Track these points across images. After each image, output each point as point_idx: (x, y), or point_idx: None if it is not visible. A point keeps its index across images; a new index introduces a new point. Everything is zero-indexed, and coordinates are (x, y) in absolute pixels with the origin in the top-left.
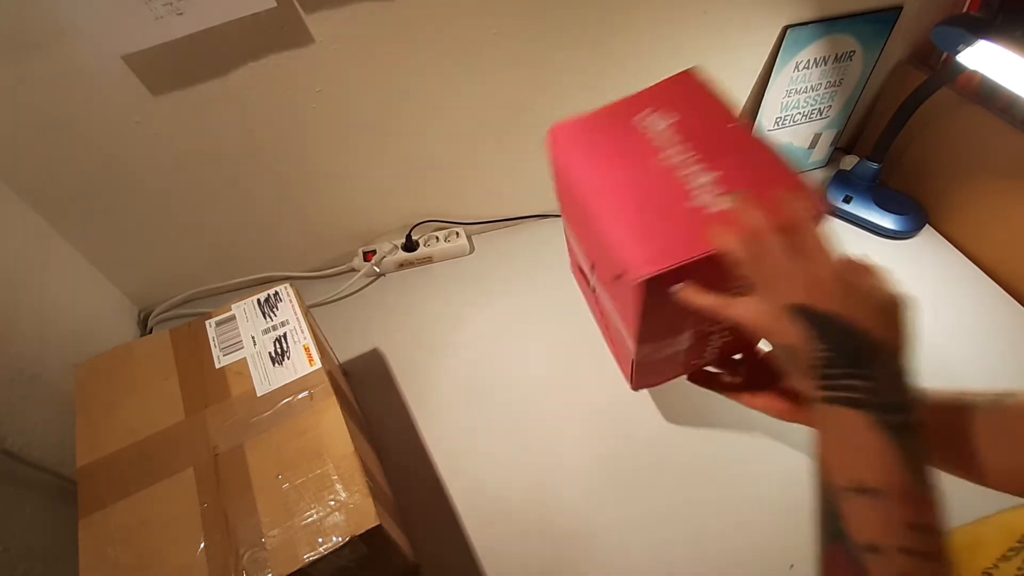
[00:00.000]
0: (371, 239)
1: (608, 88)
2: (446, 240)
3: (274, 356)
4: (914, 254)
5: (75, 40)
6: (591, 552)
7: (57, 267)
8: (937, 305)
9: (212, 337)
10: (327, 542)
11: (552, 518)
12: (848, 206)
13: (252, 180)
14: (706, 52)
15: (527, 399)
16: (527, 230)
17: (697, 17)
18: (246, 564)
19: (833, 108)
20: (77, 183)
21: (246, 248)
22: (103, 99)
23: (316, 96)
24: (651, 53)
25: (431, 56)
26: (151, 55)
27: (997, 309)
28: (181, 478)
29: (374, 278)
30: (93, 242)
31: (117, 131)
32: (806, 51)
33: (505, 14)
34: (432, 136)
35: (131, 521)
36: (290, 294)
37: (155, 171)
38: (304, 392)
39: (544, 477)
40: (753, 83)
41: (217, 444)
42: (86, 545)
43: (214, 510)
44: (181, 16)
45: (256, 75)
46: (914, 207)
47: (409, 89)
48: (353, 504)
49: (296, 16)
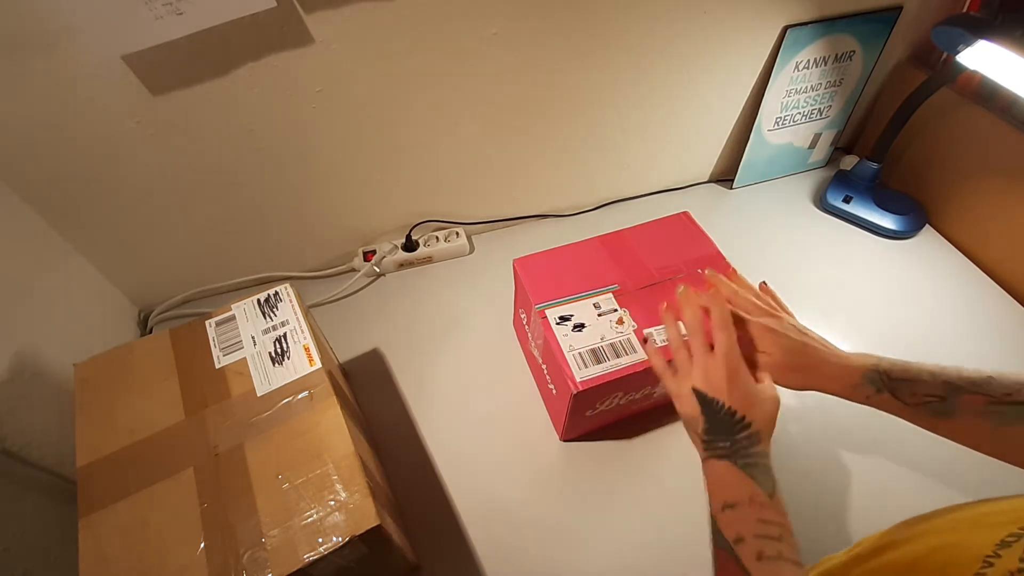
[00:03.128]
0: (371, 239)
1: (608, 88)
2: (446, 240)
3: (274, 356)
4: (914, 254)
5: (75, 40)
6: (592, 552)
7: (57, 267)
8: (937, 305)
9: (212, 337)
10: (327, 542)
11: (552, 518)
12: (848, 206)
13: (252, 180)
14: (706, 52)
15: (528, 399)
16: (527, 230)
17: (698, 17)
18: (246, 564)
19: (833, 108)
20: (77, 183)
21: (246, 248)
22: (103, 99)
23: (316, 96)
24: (651, 53)
25: (431, 56)
26: (151, 55)
27: (997, 309)
28: (181, 478)
29: (374, 278)
30: (93, 242)
31: (117, 131)
32: (806, 51)
33: (505, 15)
34: (432, 136)
35: (131, 521)
36: (290, 294)
37: (155, 171)
38: (304, 392)
39: (545, 477)
40: (753, 83)
41: (217, 444)
42: (86, 545)
43: (214, 510)
44: (181, 16)
45: (256, 75)
46: (914, 207)
47: (409, 89)
48: (353, 504)
49: (296, 16)
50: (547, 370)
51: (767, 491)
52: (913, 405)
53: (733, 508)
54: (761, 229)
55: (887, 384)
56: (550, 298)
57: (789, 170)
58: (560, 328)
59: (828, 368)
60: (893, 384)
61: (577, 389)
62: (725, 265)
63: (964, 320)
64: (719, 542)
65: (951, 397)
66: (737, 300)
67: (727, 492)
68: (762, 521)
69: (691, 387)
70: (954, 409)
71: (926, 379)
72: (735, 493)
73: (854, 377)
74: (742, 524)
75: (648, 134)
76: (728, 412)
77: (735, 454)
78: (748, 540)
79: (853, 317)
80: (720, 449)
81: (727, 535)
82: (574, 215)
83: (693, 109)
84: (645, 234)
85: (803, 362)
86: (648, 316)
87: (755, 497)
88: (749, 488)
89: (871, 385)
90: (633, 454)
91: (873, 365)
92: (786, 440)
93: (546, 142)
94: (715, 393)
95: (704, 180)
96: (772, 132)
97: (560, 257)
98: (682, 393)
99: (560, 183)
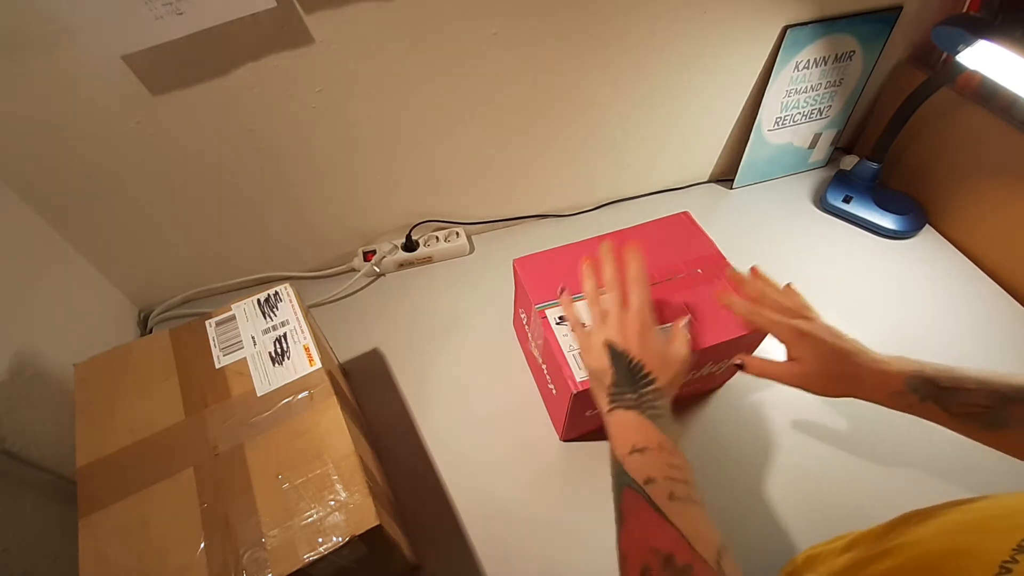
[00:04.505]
0: (371, 239)
1: (608, 88)
2: (446, 240)
3: (274, 356)
4: (914, 254)
5: (75, 40)
6: (592, 552)
7: (57, 267)
8: (937, 305)
9: (212, 337)
10: (327, 542)
11: (552, 518)
12: (848, 206)
13: (252, 180)
14: (706, 52)
15: (528, 399)
16: (527, 230)
17: (698, 17)
18: (246, 564)
19: (833, 108)
20: (77, 183)
21: (246, 248)
22: (103, 99)
23: (316, 96)
24: (651, 53)
25: (431, 56)
26: (151, 55)
27: (997, 309)
28: (181, 478)
29: (374, 278)
30: (93, 242)
31: (117, 131)
32: (806, 51)
33: (504, 15)
34: (432, 136)
35: (131, 521)
36: (290, 294)
37: (155, 171)
38: (304, 392)
39: (545, 477)
40: (753, 83)
41: (217, 444)
42: (86, 545)
43: (214, 510)
44: (181, 16)
45: (256, 75)
46: (914, 207)
47: (409, 89)
48: (353, 504)
49: (296, 16)
50: (547, 370)
51: (673, 439)
52: (960, 415)
53: (642, 452)
54: (761, 229)
55: (933, 393)
56: (550, 298)
57: (789, 170)
58: (560, 328)
59: (867, 375)
60: (940, 393)
61: (577, 389)
62: (725, 265)
63: (964, 320)
64: (625, 481)
65: (1000, 408)
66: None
67: (635, 438)
68: (671, 465)
69: (604, 340)
70: (1004, 420)
71: (972, 387)
72: (643, 439)
73: (895, 384)
74: (652, 467)
75: (648, 134)
76: (637, 366)
77: (641, 406)
78: (659, 481)
79: (853, 317)
80: (627, 400)
81: (636, 476)
82: (574, 215)
83: (693, 109)
84: (645, 234)
85: (840, 369)
86: None
87: (663, 444)
88: (657, 435)
89: (914, 393)
90: None
91: (916, 371)
92: (783, 431)
93: (546, 142)
94: (626, 347)
95: (704, 180)
96: (772, 132)
97: (560, 257)
98: (593, 345)
99: (560, 183)
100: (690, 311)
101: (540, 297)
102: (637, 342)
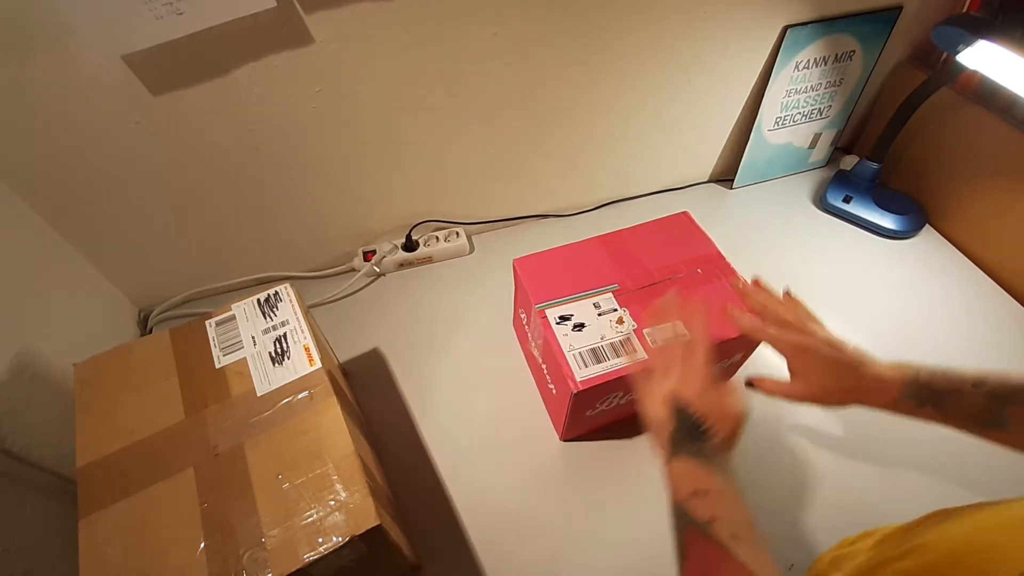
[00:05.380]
0: (371, 239)
1: (608, 89)
2: (446, 240)
3: (274, 356)
4: (914, 254)
5: (75, 40)
6: (592, 551)
7: (57, 267)
8: (937, 305)
9: (212, 337)
10: (327, 542)
11: (552, 518)
12: (848, 206)
13: (252, 180)
14: (707, 52)
15: (528, 399)
16: (527, 230)
17: (698, 18)
18: (246, 564)
19: (833, 108)
20: (77, 183)
21: (246, 248)
22: (103, 99)
23: (316, 96)
24: (652, 54)
25: (430, 56)
26: (151, 55)
27: (997, 309)
28: (181, 478)
29: (374, 278)
30: (93, 242)
31: (117, 131)
32: (806, 51)
33: (504, 16)
34: (432, 136)
35: (131, 521)
36: (290, 294)
37: (155, 171)
38: (304, 392)
39: (544, 477)
40: (753, 83)
41: (217, 444)
42: (86, 545)
43: (214, 510)
44: (181, 16)
45: (256, 75)
46: (914, 207)
47: (409, 89)
48: (353, 504)
49: (296, 16)
50: (547, 370)
51: (733, 487)
52: (958, 417)
53: (705, 496)
54: (761, 229)
55: (929, 397)
56: (550, 298)
57: (789, 170)
58: (560, 328)
59: (867, 385)
60: (936, 397)
61: (577, 389)
62: (725, 265)
63: (964, 320)
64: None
65: (998, 409)
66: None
67: (697, 483)
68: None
69: (668, 391)
70: (1003, 421)
71: (967, 390)
72: (705, 483)
73: (892, 392)
74: (714, 508)
75: (648, 134)
76: (699, 420)
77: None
78: (723, 520)
79: (853, 317)
80: (687, 450)
81: (698, 517)
82: (574, 215)
83: (693, 109)
84: (645, 234)
85: (841, 382)
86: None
87: (723, 489)
88: (719, 481)
89: (911, 399)
90: (633, 454)
91: (911, 378)
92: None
93: (546, 142)
94: (690, 400)
95: (704, 180)
96: (772, 132)
97: (560, 257)
98: (656, 394)
99: (560, 183)
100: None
101: (540, 297)
102: (702, 396)
